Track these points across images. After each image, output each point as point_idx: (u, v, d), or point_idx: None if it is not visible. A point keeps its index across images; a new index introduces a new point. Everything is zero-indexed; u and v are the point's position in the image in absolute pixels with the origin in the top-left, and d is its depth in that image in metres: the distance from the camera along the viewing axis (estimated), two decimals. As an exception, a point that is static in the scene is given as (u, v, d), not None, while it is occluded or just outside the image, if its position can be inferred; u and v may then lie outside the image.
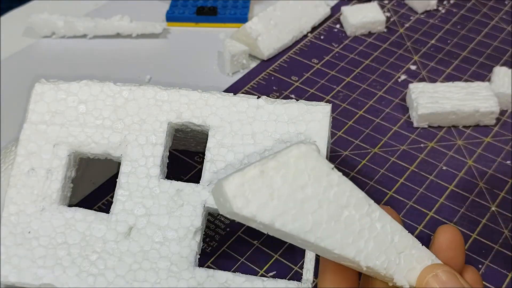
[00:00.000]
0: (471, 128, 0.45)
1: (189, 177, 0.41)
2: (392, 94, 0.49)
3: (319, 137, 0.33)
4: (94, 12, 0.59)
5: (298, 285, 0.31)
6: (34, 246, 0.31)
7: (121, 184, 0.33)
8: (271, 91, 0.49)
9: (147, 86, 0.35)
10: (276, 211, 0.24)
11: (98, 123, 0.34)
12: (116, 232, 0.32)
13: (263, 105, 0.34)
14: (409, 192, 0.40)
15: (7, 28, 0.57)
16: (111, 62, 0.53)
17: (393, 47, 0.54)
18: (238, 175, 0.23)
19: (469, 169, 0.42)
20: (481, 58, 0.52)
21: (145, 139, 0.33)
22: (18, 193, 0.33)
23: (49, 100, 0.34)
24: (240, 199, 0.23)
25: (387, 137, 0.45)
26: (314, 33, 0.56)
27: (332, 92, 0.49)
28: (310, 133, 0.33)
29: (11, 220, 0.32)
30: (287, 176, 0.24)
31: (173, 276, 0.31)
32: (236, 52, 0.50)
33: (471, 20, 0.57)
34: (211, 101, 0.34)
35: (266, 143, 0.33)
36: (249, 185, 0.23)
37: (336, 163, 0.42)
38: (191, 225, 0.32)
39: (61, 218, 0.32)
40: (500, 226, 0.38)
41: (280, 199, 0.24)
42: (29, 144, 0.33)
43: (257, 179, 0.24)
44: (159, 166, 0.33)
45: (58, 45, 0.55)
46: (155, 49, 0.54)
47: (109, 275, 0.31)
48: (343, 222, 0.25)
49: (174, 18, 0.57)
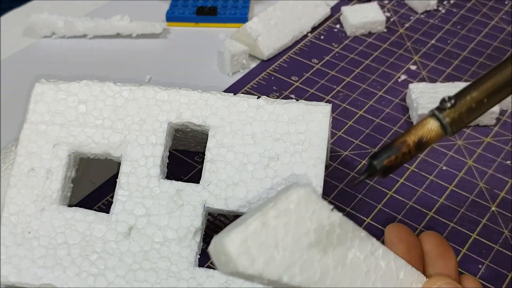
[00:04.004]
0: (471, 128, 0.45)
1: (189, 177, 0.41)
2: (392, 94, 0.49)
3: (319, 137, 0.33)
4: (94, 12, 0.59)
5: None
6: (34, 246, 0.31)
7: (121, 184, 0.33)
8: (271, 91, 0.49)
9: (147, 86, 0.35)
10: (282, 264, 0.22)
11: (98, 123, 0.34)
12: (116, 232, 0.32)
13: (263, 105, 0.34)
14: (409, 192, 0.40)
15: (7, 28, 0.57)
16: (111, 62, 0.53)
17: (393, 47, 0.54)
18: (240, 231, 0.22)
19: (469, 169, 0.42)
20: (481, 58, 0.52)
21: (145, 139, 0.33)
22: (18, 193, 0.33)
23: (49, 100, 0.34)
24: (245, 257, 0.22)
25: (387, 137, 0.45)
26: (314, 33, 0.56)
27: (332, 92, 0.49)
28: (310, 133, 0.33)
29: (11, 220, 0.32)
30: (289, 224, 0.23)
31: (173, 276, 0.31)
32: (236, 52, 0.50)
33: (471, 20, 0.57)
34: (211, 101, 0.34)
35: (266, 143, 0.33)
36: (253, 240, 0.22)
37: (336, 163, 0.42)
38: (191, 225, 0.32)
39: (61, 218, 0.32)
40: (500, 226, 0.38)
41: (285, 250, 0.23)
42: (29, 144, 0.33)
43: (260, 232, 0.22)
44: (159, 166, 0.33)
45: (58, 45, 0.55)
46: (155, 49, 0.54)
47: (109, 275, 0.31)
48: (349, 266, 0.24)
49: (174, 18, 0.57)
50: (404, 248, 0.28)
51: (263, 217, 0.23)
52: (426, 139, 0.22)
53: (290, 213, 0.23)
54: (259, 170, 0.33)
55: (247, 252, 0.22)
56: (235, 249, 0.21)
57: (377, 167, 0.22)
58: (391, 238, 0.29)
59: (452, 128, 0.23)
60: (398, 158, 0.22)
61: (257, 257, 0.22)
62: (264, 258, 0.22)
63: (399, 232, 0.29)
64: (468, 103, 0.23)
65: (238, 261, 0.21)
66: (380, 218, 0.38)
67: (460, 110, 0.22)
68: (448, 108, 0.23)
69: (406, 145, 0.22)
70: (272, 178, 0.32)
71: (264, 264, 0.22)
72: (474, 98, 0.23)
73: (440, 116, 0.22)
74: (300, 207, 0.24)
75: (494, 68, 0.24)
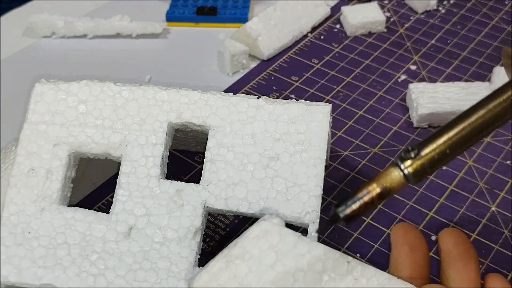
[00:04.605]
0: (471, 128, 0.45)
1: (189, 177, 0.41)
2: (392, 94, 0.49)
3: (319, 137, 0.33)
4: (94, 12, 0.59)
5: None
6: (34, 246, 0.31)
7: (121, 184, 0.33)
8: (271, 91, 0.49)
9: (147, 86, 0.35)
10: None
11: (98, 123, 0.34)
12: (116, 232, 0.32)
13: (263, 105, 0.34)
14: (409, 192, 0.40)
15: (7, 28, 0.57)
16: (111, 62, 0.53)
17: (393, 47, 0.54)
18: (204, 272, 0.23)
19: (469, 169, 0.42)
20: (481, 58, 0.52)
21: (145, 139, 0.33)
22: (18, 193, 0.33)
23: (49, 100, 0.34)
24: None
25: (387, 137, 0.45)
26: (314, 33, 0.56)
27: (332, 92, 0.49)
28: (310, 133, 0.33)
29: (11, 220, 0.32)
30: (252, 260, 0.24)
31: (173, 276, 0.31)
32: (236, 52, 0.50)
33: (471, 20, 0.57)
34: (211, 101, 0.34)
35: (266, 143, 0.33)
36: (216, 280, 0.23)
37: (336, 163, 0.42)
38: (191, 225, 0.32)
39: (61, 218, 0.32)
40: (500, 226, 0.38)
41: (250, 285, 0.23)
42: (29, 144, 0.33)
43: (223, 272, 0.23)
44: (159, 166, 0.33)
45: (58, 45, 0.55)
46: (155, 49, 0.54)
47: (109, 275, 0.31)
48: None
49: (174, 18, 0.57)
50: (408, 250, 0.28)
51: (225, 258, 0.24)
52: (389, 189, 0.23)
53: (253, 249, 0.24)
54: (259, 170, 0.33)
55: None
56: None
57: (341, 216, 0.23)
58: (396, 238, 0.28)
59: (415, 178, 0.23)
60: (361, 208, 0.23)
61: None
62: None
63: (405, 233, 0.29)
64: (431, 154, 0.23)
65: None
66: (380, 218, 0.38)
67: (422, 161, 0.23)
68: (411, 159, 0.23)
69: (370, 196, 0.23)
70: (272, 178, 0.32)
71: None
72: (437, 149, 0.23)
73: (402, 166, 0.23)
74: (263, 242, 0.24)
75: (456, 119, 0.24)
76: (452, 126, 0.23)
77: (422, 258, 0.28)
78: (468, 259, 0.28)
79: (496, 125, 0.23)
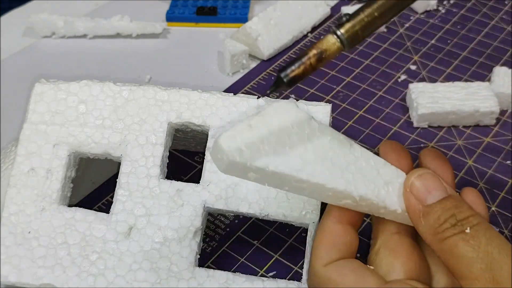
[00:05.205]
0: (471, 128, 0.45)
1: (189, 177, 0.41)
2: (392, 94, 0.49)
3: (319, 137, 0.33)
4: (94, 12, 0.59)
5: (298, 285, 0.31)
6: (34, 246, 0.31)
7: (121, 184, 0.33)
8: (271, 91, 0.49)
9: (147, 86, 0.35)
10: (268, 155, 0.26)
11: (98, 123, 0.34)
12: (116, 232, 0.32)
13: (263, 105, 0.34)
14: (409, 192, 0.40)
15: (7, 28, 0.57)
16: (111, 62, 0.53)
17: (393, 47, 0.54)
18: (229, 130, 0.25)
19: (469, 169, 0.42)
20: (481, 58, 0.52)
21: (145, 139, 0.33)
22: (18, 193, 0.33)
23: (49, 100, 0.34)
24: (234, 148, 0.25)
25: (387, 137, 0.45)
26: (314, 33, 0.56)
27: (332, 92, 0.49)
28: (310, 133, 0.33)
29: (11, 220, 0.32)
30: (272, 127, 0.26)
31: (173, 276, 0.31)
32: (236, 52, 0.50)
33: (471, 20, 0.57)
34: (211, 101, 0.34)
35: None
36: (240, 137, 0.25)
37: (336, 163, 0.42)
38: (191, 225, 0.32)
39: (61, 218, 0.32)
40: (500, 226, 0.38)
41: (270, 145, 0.26)
42: (29, 144, 0.33)
43: (246, 132, 0.26)
44: (159, 166, 0.33)
45: (58, 45, 0.55)
46: (155, 49, 0.54)
47: (109, 275, 0.31)
48: (330, 161, 0.27)
49: (174, 18, 0.57)
50: (395, 156, 0.30)
51: (249, 121, 0.26)
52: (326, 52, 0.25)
53: (273, 118, 0.27)
54: (259, 170, 0.33)
55: (236, 145, 0.25)
56: (226, 143, 0.25)
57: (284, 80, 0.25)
58: (384, 149, 0.31)
59: (348, 40, 0.25)
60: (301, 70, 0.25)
61: (245, 149, 0.25)
62: (251, 150, 0.25)
63: (392, 145, 0.31)
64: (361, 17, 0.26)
65: (228, 152, 0.25)
66: (380, 218, 0.38)
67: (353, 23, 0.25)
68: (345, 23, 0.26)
69: (308, 57, 0.25)
70: (272, 178, 0.32)
71: (251, 154, 0.25)
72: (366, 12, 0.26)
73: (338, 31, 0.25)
74: (282, 114, 0.27)
75: None
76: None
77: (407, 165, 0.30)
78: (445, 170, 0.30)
79: None
